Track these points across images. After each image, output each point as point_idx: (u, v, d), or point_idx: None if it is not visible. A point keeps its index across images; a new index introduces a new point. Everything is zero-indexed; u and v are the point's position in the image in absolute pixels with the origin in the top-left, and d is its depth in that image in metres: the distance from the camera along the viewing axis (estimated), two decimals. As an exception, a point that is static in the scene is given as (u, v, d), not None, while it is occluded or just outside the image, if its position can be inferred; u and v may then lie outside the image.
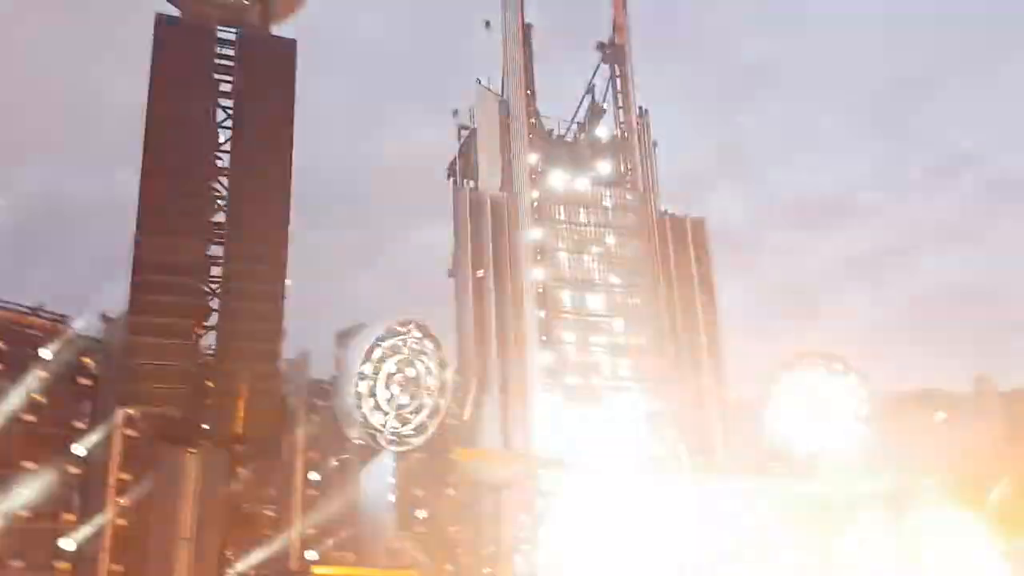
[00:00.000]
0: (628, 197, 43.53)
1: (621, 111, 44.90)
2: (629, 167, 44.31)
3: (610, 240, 42.62)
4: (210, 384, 26.19)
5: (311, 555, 32.58)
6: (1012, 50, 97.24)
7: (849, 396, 39.86)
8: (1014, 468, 38.43)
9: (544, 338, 39.95)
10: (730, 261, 44.07)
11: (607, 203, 43.21)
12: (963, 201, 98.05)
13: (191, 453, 25.85)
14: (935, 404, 40.46)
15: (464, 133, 42.95)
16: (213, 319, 26.98)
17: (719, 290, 43.87)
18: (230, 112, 27.95)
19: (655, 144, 44.95)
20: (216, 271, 27.55)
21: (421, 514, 34.19)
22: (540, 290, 40.40)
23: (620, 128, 44.91)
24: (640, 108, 45.00)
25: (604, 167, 43.91)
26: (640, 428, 41.17)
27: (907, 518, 36.22)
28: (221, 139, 28.35)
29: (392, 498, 33.64)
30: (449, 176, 43.04)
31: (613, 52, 45.45)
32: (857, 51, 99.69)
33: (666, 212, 44.16)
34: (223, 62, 29.47)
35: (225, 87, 29.09)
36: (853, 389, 39.98)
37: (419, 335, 36.52)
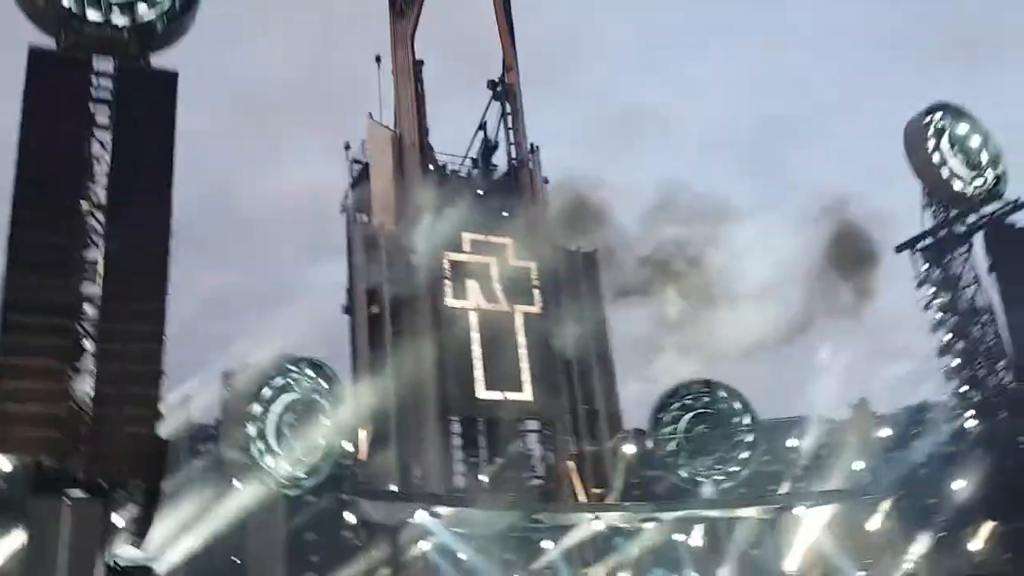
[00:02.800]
0: (521, 232, 43.96)
1: (512, 147, 45.53)
2: (521, 204, 44.82)
3: (509, 274, 42.83)
4: (84, 430, 24.80)
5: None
6: (876, 88, 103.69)
7: (734, 422, 41.09)
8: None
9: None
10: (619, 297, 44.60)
11: (501, 239, 43.48)
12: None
13: (66, 504, 24.41)
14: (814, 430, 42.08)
15: (357, 167, 42.70)
16: (88, 362, 25.65)
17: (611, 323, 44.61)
18: (107, 145, 26.90)
19: (546, 180, 45.70)
20: (92, 311, 26.27)
21: (314, 558, 33.19)
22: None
23: (511, 163, 45.50)
24: (531, 144, 45.76)
25: (497, 202, 44.30)
26: (539, 466, 41.35)
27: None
28: (97, 173, 27.20)
29: (282, 542, 32.68)
30: (342, 211, 42.57)
31: (504, 90, 46.13)
32: (730, 96, 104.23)
33: (558, 246, 44.73)
34: (100, 94, 28.43)
35: (102, 119, 28.03)
36: (739, 415, 41.23)
37: (312, 374, 35.81)
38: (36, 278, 25.26)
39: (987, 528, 39.18)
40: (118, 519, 24.95)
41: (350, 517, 32.57)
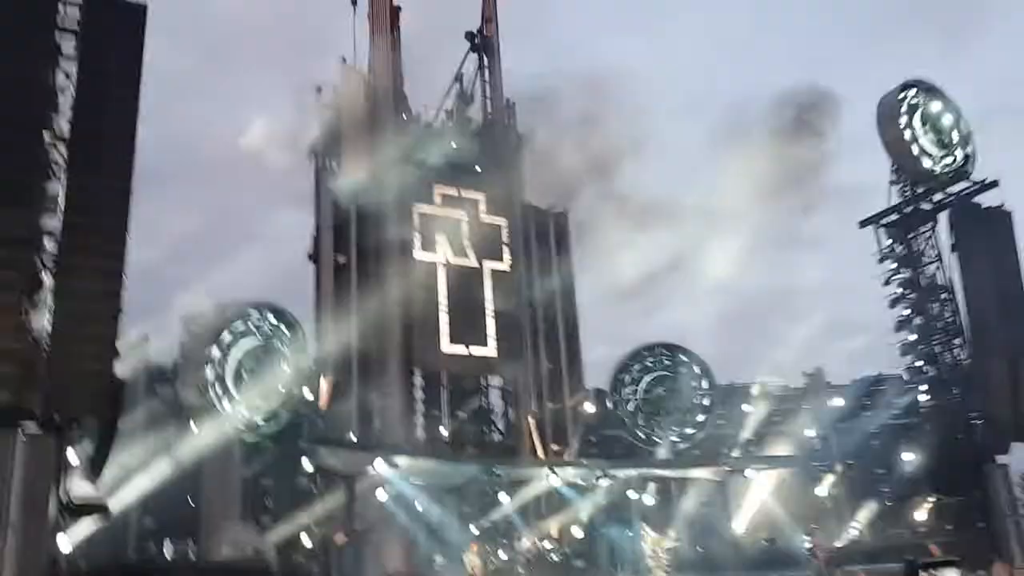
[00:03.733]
0: (494, 188, 43.78)
1: (488, 101, 45.15)
2: (495, 160, 44.58)
3: (479, 230, 42.73)
4: (41, 365, 24.46)
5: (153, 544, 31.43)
6: (851, 63, 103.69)
7: (693, 386, 41.70)
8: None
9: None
10: (588, 257, 44.79)
11: (473, 194, 43.28)
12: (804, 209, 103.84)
13: (21, 439, 24.16)
14: (768, 396, 42.86)
15: (328, 113, 42.00)
16: (46, 298, 25.19)
17: (578, 284, 44.86)
18: (70, 76, 26.16)
19: (520, 137, 45.42)
20: (52, 246, 25.74)
21: (269, 503, 33.31)
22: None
23: (487, 118, 45.15)
24: (507, 100, 45.39)
25: (470, 156, 44.04)
26: (499, 422, 41.74)
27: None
28: (61, 104, 26.48)
29: (238, 487, 32.71)
30: (311, 157, 41.95)
31: (482, 42, 45.60)
32: (713, 61, 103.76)
33: (529, 204, 44.71)
34: (67, 25, 27.58)
35: (68, 50, 27.23)
36: (697, 379, 41.83)
37: (274, 320, 35.56)
38: (-5, 210, 24.66)
39: (931, 500, 40.23)
40: (72, 455, 24.74)
41: (307, 464, 32.64)
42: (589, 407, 41.37)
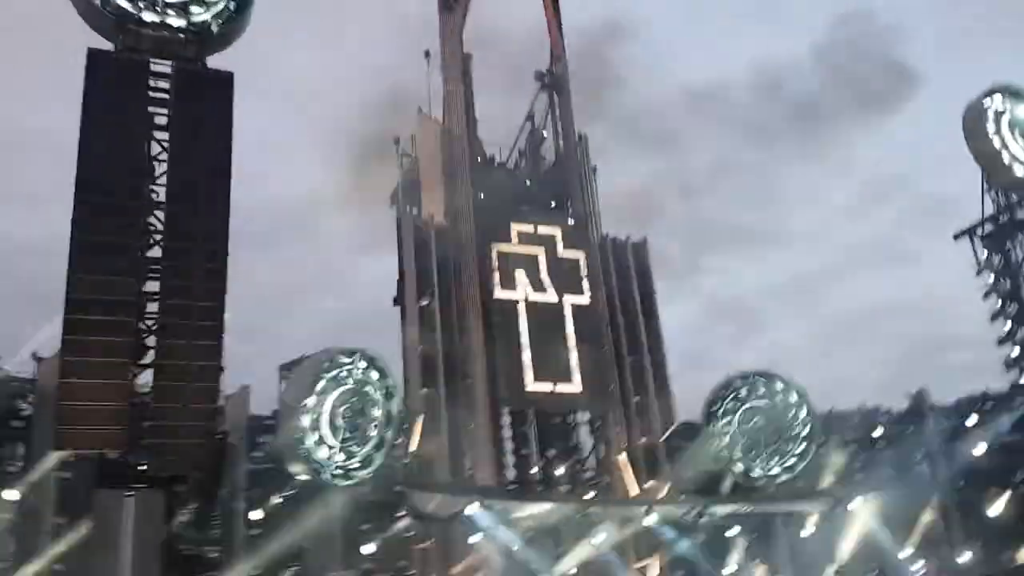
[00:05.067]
0: (570, 222, 43.90)
1: (560, 138, 45.46)
2: (569, 194, 44.76)
3: (558, 265, 42.81)
4: (146, 424, 25.43)
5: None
6: (932, 67, 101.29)
7: (791, 415, 40.48)
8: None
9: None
10: (670, 286, 44.41)
11: (550, 230, 43.42)
12: (896, 223, 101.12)
13: (128, 495, 25.04)
14: (872, 419, 41.39)
15: (406, 161, 42.99)
16: (149, 357, 26.26)
17: (662, 313, 44.39)
18: (165, 146, 27.43)
19: (594, 169, 45.53)
20: (153, 308, 26.85)
21: (367, 549, 33.58)
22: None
23: (559, 153, 45.46)
24: (579, 134, 45.58)
25: (545, 193, 44.34)
26: (590, 459, 41.37)
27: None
28: (156, 172, 27.77)
29: (337, 534, 33.06)
30: (393, 204, 42.95)
31: (552, 80, 46.02)
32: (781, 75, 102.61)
33: (607, 236, 44.62)
34: (158, 95, 28.96)
35: (160, 120, 28.57)
36: (794, 408, 40.60)
37: (364, 365, 36.05)
38: (98, 277, 25.88)
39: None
40: (180, 511, 25.51)
41: (403, 509, 32.90)
42: (682, 442, 40.63)
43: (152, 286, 26.76)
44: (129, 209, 26.62)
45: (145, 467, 25.67)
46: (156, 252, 27.18)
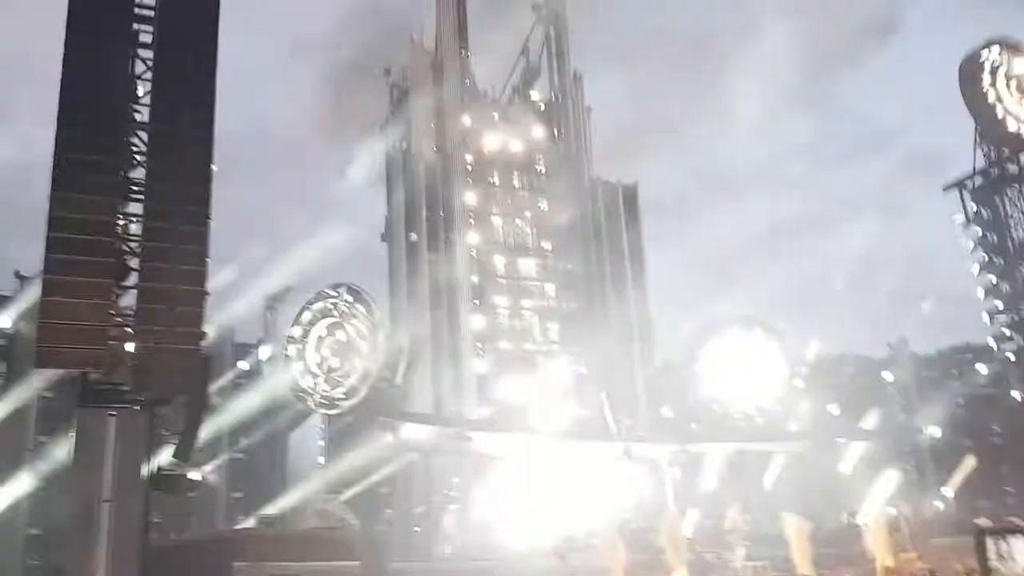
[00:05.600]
0: (561, 162, 43.68)
1: (555, 74, 44.91)
2: (562, 132, 44.42)
3: (543, 205, 42.78)
4: (130, 346, 25.39)
5: (241, 519, 32.52)
6: (933, 21, 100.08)
7: (770, 359, 40.85)
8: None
9: (477, 302, 40.06)
10: (659, 229, 44.37)
11: (540, 167, 43.27)
12: (886, 174, 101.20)
13: (111, 415, 25.14)
14: (852, 367, 41.81)
15: (396, 92, 42.46)
16: (133, 280, 26.11)
17: (648, 256, 44.48)
18: (150, 64, 26.86)
19: (588, 109, 45.12)
20: (136, 229, 26.59)
21: (352, 475, 34.09)
22: (474, 254, 40.38)
23: (554, 92, 44.95)
24: (574, 72, 45.06)
25: (537, 131, 43.97)
26: (569, 392, 41.76)
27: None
28: (140, 92, 27.24)
29: (322, 460, 33.57)
30: (382, 137, 42.51)
31: (548, 14, 45.30)
32: (787, 26, 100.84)
33: (598, 178, 44.44)
34: (143, 11, 28.29)
35: (145, 38, 27.95)
36: (774, 352, 40.96)
37: (350, 299, 36.17)
38: (81, 196, 25.51)
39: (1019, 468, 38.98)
40: (162, 430, 25.70)
41: (386, 437, 33.29)
42: (663, 382, 41.07)
43: (136, 208, 26.42)
44: (112, 128, 26.12)
45: (128, 388, 25.66)
46: (140, 173, 26.74)
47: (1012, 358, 40.40)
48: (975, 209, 42.23)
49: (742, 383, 39.96)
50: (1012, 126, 41.30)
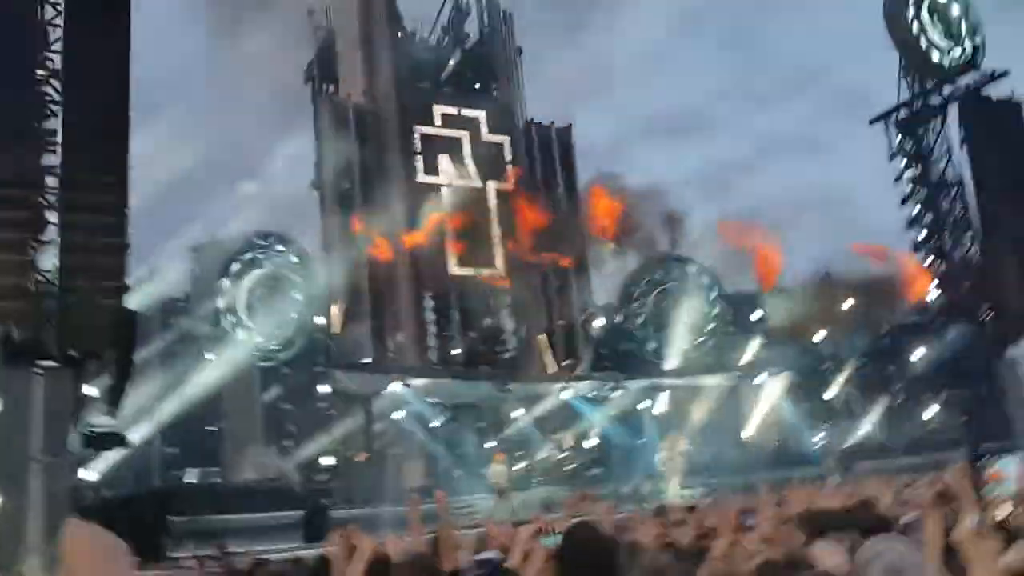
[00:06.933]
0: (495, 105, 43.27)
1: (485, 14, 44.23)
2: (494, 76, 43.94)
3: (482, 150, 42.39)
4: (52, 301, 24.76)
5: (177, 472, 32.22)
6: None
7: (702, 296, 41.78)
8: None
9: (413, 248, 39.77)
10: (592, 173, 44.49)
11: (474, 113, 42.80)
12: (812, 113, 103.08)
13: (38, 373, 24.59)
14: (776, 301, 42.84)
15: (321, 35, 41.27)
16: (50, 234, 25.34)
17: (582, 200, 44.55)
18: (59, 8, 25.74)
19: (519, 50, 44.62)
20: (53, 182, 25.73)
21: (291, 427, 33.97)
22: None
23: (483, 32, 44.32)
24: (504, 12, 44.41)
25: (469, 74, 43.42)
26: (511, 340, 42.10)
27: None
28: (52, 39, 26.13)
29: (258, 412, 33.33)
30: (307, 81, 41.37)
31: (476, -50, 44.48)
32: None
33: (531, 120, 44.18)
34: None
35: (52, -18, 26.68)
36: (706, 289, 41.90)
37: (281, 247, 35.70)
38: (-8, 149, 24.57)
39: (942, 395, 40.60)
40: (90, 389, 25.20)
41: (324, 388, 33.19)
42: (598, 322, 41.62)
43: (51, 160, 25.53)
44: (24, 78, 25.08)
45: (53, 345, 25.05)
46: (55, 124, 25.78)
47: (934, 284, 41.72)
48: (899, 140, 43.06)
49: (676, 320, 40.88)
50: (935, 56, 42.01)
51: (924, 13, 42.25)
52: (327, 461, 32.80)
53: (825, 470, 29.84)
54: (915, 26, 41.84)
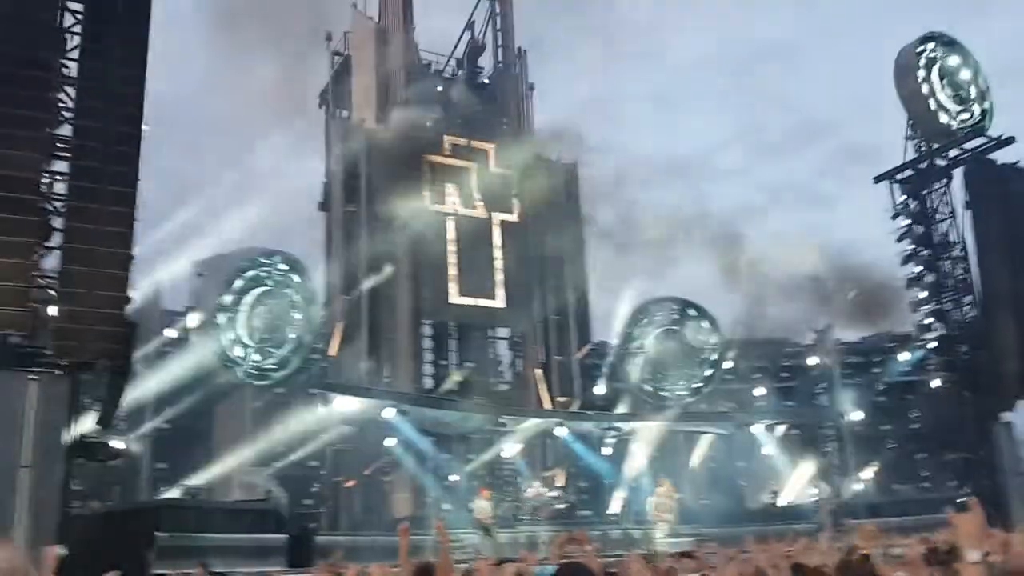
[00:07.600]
0: (505, 139, 43.52)
1: (500, 49, 44.68)
2: (505, 110, 44.27)
3: (489, 181, 42.55)
4: (53, 309, 24.65)
5: (165, 490, 31.87)
6: (863, 21, 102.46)
7: (701, 340, 41.71)
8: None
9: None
10: (596, 212, 44.60)
11: (483, 145, 43.01)
12: (819, 165, 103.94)
13: (32, 379, 24.41)
14: (778, 351, 42.80)
15: (338, 60, 41.72)
16: (56, 240, 25.32)
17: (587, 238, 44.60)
18: (79, 16, 25.93)
19: (531, 87, 45.02)
20: (61, 189, 25.76)
21: (280, 449, 33.70)
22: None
23: (497, 66, 44.74)
24: (518, 49, 44.87)
25: (481, 106, 43.74)
26: (507, 373, 41.99)
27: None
28: (68, 46, 26.30)
29: (249, 431, 33.08)
30: (321, 105, 41.80)
31: (493, -13, 45.03)
32: (726, 17, 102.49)
33: (540, 156, 44.37)
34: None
35: (75, -11, 26.91)
36: (706, 333, 41.83)
37: (285, 267, 35.68)
38: (3, 152, 24.61)
39: (936, 457, 40.46)
40: (85, 397, 25.04)
41: (317, 409, 32.96)
42: (596, 359, 41.50)
43: (61, 166, 25.58)
44: (37, 81, 25.17)
45: (50, 352, 24.91)
46: (66, 131, 25.87)
47: (933, 346, 41.75)
48: (903, 200, 43.34)
49: (673, 363, 40.80)
50: (943, 118, 42.44)
51: (934, 75, 42.75)
52: (316, 485, 32.47)
53: (819, 525, 29.53)
54: (925, 87, 42.32)
